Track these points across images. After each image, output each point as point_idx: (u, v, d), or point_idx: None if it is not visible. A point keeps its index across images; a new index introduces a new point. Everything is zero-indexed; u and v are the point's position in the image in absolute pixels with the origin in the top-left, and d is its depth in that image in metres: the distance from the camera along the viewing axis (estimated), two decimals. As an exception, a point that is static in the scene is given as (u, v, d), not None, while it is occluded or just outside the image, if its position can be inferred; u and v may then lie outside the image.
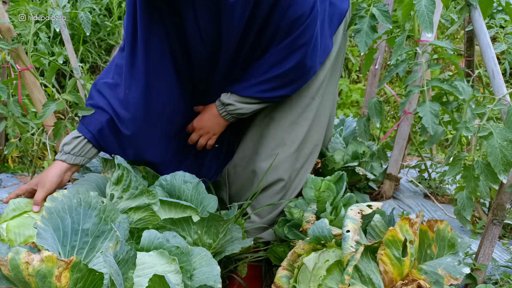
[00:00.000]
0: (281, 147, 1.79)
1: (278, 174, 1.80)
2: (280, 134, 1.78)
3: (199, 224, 1.53)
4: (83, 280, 1.09)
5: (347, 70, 4.93)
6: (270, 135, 1.79)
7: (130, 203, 1.56)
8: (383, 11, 1.76)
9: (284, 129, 1.78)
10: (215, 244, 1.58)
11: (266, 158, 1.79)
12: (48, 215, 1.26)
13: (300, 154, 1.82)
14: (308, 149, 1.85)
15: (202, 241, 1.54)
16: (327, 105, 1.88)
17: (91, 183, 1.67)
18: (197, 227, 1.53)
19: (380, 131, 2.58)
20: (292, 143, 1.79)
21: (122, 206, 1.56)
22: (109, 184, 1.61)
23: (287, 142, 1.79)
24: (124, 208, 1.56)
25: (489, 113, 1.58)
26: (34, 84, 2.05)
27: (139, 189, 1.56)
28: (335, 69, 1.90)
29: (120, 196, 1.57)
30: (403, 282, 1.34)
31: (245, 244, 1.64)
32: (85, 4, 1.98)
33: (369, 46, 1.80)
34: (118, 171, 1.57)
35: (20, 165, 3.26)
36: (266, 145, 1.80)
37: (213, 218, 1.52)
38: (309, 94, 1.78)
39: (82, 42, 4.66)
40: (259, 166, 1.80)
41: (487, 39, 1.59)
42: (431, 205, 2.33)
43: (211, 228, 1.55)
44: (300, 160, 1.83)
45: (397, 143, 2.30)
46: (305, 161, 1.85)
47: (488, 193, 1.66)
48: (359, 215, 1.37)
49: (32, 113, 2.92)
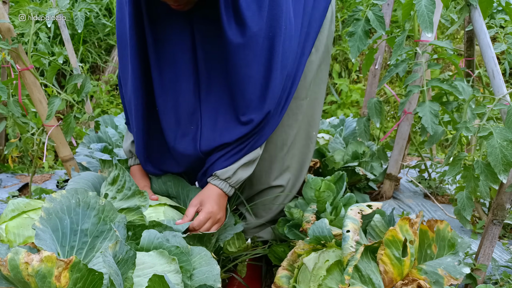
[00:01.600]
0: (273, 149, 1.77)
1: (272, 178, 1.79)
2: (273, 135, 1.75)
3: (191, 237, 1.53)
4: (83, 280, 1.08)
5: (347, 70, 4.93)
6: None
7: (123, 203, 1.56)
8: (378, 16, 1.75)
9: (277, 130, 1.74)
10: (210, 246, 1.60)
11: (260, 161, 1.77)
12: (47, 216, 1.25)
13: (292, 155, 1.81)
14: (300, 150, 1.82)
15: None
16: (317, 104, 1.85)
17: (87, 181, 1.68)
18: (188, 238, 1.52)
19: (380, 131, 2.58)
20: (284, 145, 1.77)
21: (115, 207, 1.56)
22: (105, 184, 1.61)
23: (278, 144, 1.77)
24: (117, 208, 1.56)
25: (489, 113, 1.57)
26: (34, 84, 2.05)
27: (132, 190, 1.54)
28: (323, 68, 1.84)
29: (113, 197, 1.56)
30: (403, 282, 1.34)
31: (238, 229, 1.65)
32: (84, 4, 1.98)
33: (360, 52, 1.78)
34: (115, 171, 1.57)
35: (20, 165, 3.26)
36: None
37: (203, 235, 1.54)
38: (298, 96, 1.75)
39: (82, 42, 4.66)
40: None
41: (487, 39, 1.59)
42: (431, 205, 2.33)
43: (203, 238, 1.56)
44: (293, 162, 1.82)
45: (397, 143, 2.30)
46: (300, 162, 1.84)
47: (488, 193, 1.66)
48: (359, 215, 1.37)
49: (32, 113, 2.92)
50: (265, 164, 1.78)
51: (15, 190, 2.64)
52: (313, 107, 1.82)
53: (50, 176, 3.03)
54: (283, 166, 1.80)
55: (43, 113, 2.07)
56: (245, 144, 1.59)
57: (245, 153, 1.60)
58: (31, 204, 1.59)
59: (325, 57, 1.82)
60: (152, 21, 1.52)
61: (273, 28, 1.46)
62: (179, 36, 1.53)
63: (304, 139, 1.83)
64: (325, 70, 1.86)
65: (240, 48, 1.45)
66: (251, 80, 1.50)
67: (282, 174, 1.81)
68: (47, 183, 2.85)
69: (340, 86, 4.66)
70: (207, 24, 1.49)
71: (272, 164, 1.78)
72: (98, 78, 4.72)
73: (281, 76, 1.55)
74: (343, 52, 4.91)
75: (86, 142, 2.34)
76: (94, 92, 4.45)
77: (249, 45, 1.45)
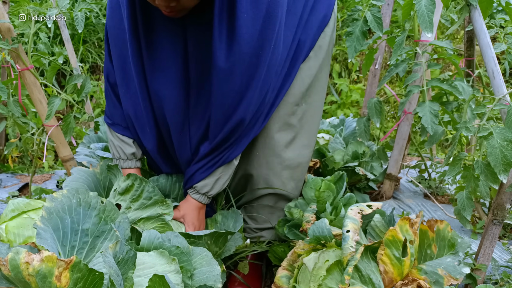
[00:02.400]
0: (270, 155, 1.76)
1: (270, 183, 1.79)
2: (268, 141, 1.75)
3: (210, 236, 1.55)
4: (83, 280, 1.08)
5: (347, 70, 4.93)
6: (259, 143, 1.76)
7: (141, 213, 1.58)
8: (376, 17, 1.75)
9: (272, 136, 1.74)
10: (220, 251, 1.62)
11: (256, 166, 1.78)
12: (48, 215, 1.26)
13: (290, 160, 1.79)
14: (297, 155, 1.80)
15: (211, 249, 1.57)
16: (315, 110, 1.82)
17: (83, 184, 1.69)
18: (207, 238, 1.55)
19: (380, 131, 2.58)
20: (281, 151, 1.76)
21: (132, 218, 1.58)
22: (114, 194, 1.61)
23: (276, 150, 1.75)
24: (134, 219, 1.58)
25: (489, 113, 1.58)
26: (34, 84, 2.05)
27: (153, 199, 1.57)
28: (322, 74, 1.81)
29: (128, 207, 1.58)
30: (403, 282, 1.34)
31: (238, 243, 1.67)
32: (84, 4, 1.98)
33: (357, 52, 1.78)
34: (127, 181, 1.57)
35: (20, 165, 3.26)
36: (255, 153, 1.77)
37: (225, 233, 1.57)
38: (294, 100, 1.73)
39: (82, 42, 4.66)
40: (250, 174, 1.80)
41: (487, 39, 1.59)
42: (431, 205, 2.33)
43: (219, 239, 1.59)
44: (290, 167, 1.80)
45: (397, 143, 2.30)
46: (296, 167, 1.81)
47: (488, 193, 1.66)
48: (359, 215, 1.37)
49: (32, 113, 2.92)
50: (263, 171, 1.77)
51: (15, 190, 2.64)
52: (311, 113, 1.80)
53: (50, 176, 3.03)
54: (282, 172, 1.78)
55: (43, 113, 2.07)
56: (220, 156, 1.60)
57: (220, 164, 1.61)
58: (31, 204, 1.59)
59: (326, 64, 1.80)
60: (146, 25, 1.50)
61: (263, 47, 1.44)
62: (172, 43, 1.52)
63: (302, 144, 1.80)
64: (325, 77, 1.84)
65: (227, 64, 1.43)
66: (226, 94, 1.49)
67: (282, 180, 1.80)
68: (47, 183, 2.85)
69: (340, 86, 4.66)
70: (198, 34, 1.47)
71: (270, 170, 1.77)
72: (98, 78, 4.72)
73: (260, 92, 1.53)
74: (343, 52, 4.91)
75: (86, 142, 2.34)
76: (94, 92, 4.45)
77: (237, 62, 1.43)
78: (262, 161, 1.76)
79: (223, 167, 1.63)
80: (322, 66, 1.78)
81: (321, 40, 1.74)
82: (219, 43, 1.40)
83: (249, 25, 1.38)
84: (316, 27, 1.70)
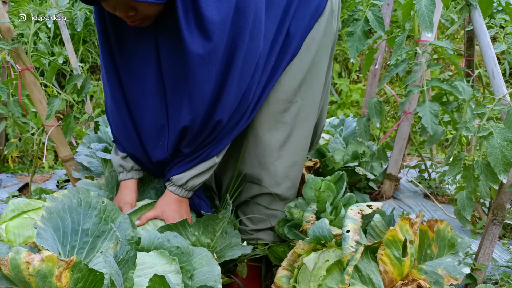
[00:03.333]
0: (262, 155, 1.73)
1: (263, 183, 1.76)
2: (259, 141, 1.72)
3: (196, 226, 1.54)
4: (84, 280, 1.09)
5: (347, 70, 4.93)
6: (250, 142, 1.74)
7: None
8: (378, 17, 1.74)
9: (263, 135, 1.71)
10: (213, 243, 1.59)
11: (249, 165, 1.76)
12: (48, 215, 1.26)
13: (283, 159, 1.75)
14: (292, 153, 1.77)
15: (201, 241, 1.55)
16: (311, 107, 1.78)
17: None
18: (193, 229, 1.54)
19: (380, 131, 2.58)
20: (274, 150, 1.73)
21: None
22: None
23: (268, 149, 1.72)
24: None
25: (489, 113, 1.58)
26: (34, 84, 2.05)
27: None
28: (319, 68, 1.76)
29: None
30: (403, 282, 1.34)
31: (246, 251, 1.65)
32: (84, 4, 1.98)
33: (359, 52, 1.77)
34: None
35: (20, 165, 3.26)
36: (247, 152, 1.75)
37: (209, 218, 1.54)
38: (285, 97, 1.69)
39: (82, 42, 4.66)
40: (243, 173, 1.77)
41: (487, 39, 1.59)
42: (431, 205, 2.33)
43: (208, 228, 1.56)
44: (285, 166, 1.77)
45: (397, 143, 2.30)
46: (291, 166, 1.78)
47: (488, 193, 1.66)
48: (359, 215, 1.37)
49: (32, 113, 2.92)
50: (256, 170, 1.75)
51: (15, 190, 2.65)
52: (307, 110, 1.76)
53: (50, 176, 3.03)
54: (276, 171, 1.75)
55: (43, 113, 2.07)
56: (200, 152, 1.59)
57: (200, 161, 1.60)
58: (31, 204, 1.59)
59: (322, 56, 1.74)
60: (117, 37, 1.50)
61: (234, 39, 1.41)
62: (144, 50, 1.50)
63: (297, 142, 1.77)
64: (322, 71, 1.78)
65: (197, 60, 1.40)
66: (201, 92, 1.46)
67: (276, 180, 1.76)
68: (47, 183, 2.85)
69: (340, 86, 4.66)
70: (170, 38, 1.45)
71: (262, 170, 1.75)
72: (98, 78, 4.72)
73: (237, 88, 1.50)
74: (343, 52, 4.91)
75: (86, 142, 2.34)
76: (94, 92, 4.46)
77: (207, 57, 1.40)
78: (254, 161, 1.74)
79: (203, 164, 1.62)
80: (318, 59, 1.72)
81: (314, 32, 1.68)
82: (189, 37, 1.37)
83: (217, 20, 1.36)
84: (308, 18, 1.65)
